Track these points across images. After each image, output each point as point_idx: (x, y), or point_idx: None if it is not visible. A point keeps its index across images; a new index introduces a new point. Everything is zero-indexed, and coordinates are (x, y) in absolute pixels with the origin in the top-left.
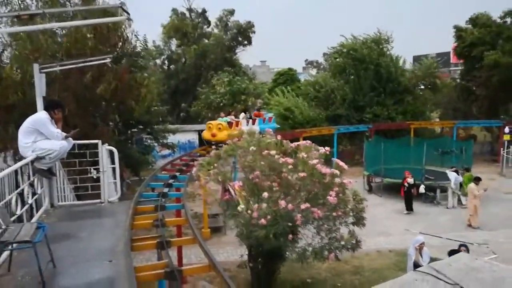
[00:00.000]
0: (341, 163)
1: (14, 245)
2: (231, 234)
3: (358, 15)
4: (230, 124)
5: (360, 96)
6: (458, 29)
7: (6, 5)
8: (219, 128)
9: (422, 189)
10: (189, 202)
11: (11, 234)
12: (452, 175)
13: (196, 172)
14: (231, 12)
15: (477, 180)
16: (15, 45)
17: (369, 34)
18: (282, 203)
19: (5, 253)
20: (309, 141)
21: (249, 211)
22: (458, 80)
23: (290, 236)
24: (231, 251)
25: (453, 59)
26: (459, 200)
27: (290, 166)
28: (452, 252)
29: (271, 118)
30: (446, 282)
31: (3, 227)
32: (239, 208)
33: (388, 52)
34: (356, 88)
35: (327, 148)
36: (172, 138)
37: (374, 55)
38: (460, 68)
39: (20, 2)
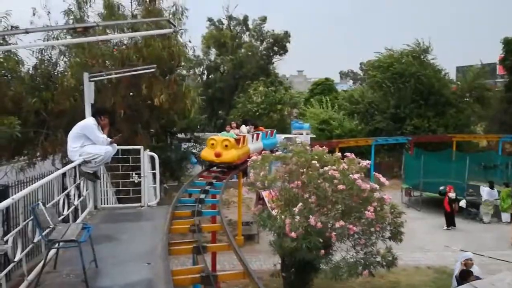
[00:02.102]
0: (382, 179)
1: (61, 243)
2: (263, 242)
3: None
4: (237, 141)
5: (400, 108)
6: (506, 42)
7: (68, 15)
8: (226, 146)
9: (463, 203)
10: (224, 209)
11: (58, 233)
12: (484, 190)
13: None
14: (263, 20)
15: None
16: (74, 53)
17: (408, 45)
18: (312, 220)
19: (52, 251)
20: (352, 154)
21: (281, 221)
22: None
23: (322, 251)
24: (263, 259)
25: (499, 70)
26: (499, 217)
27: (335, 181)
28: (463, 273)
29: (273, 132)
30: None
31: (52, 226)
32: (272, 217)
33: (430, 62)
34: (396, 100)
35: (368, 162)
36: None
37: (413, 69)
38: (507, 79)
39: (80, 12)
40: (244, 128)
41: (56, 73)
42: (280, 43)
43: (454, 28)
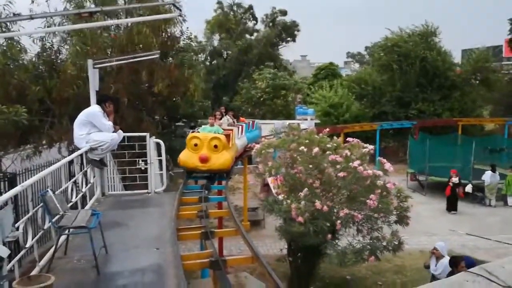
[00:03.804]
0: (387, 165)
1: (71, 230)
2: (269, 228)
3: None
4: (227, 137)
5: (405, 92)
6: None
7: (70, 2)
8: (215, 147)
9: (469, 188)
10: (229, 195)
11: (68, 220)
12: (487, 174)
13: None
14: (283, 13)
15: None
16: (75, 40)
17: (416, 27)
18: (317, 204)
19: (62, 237)
20: (357, 139)
21: (287, 206)
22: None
23: (330, 235)
24: (270, 244)
25: (505, 52)
26: (505, 201)
27: (338, 166)
28: (453, 259)
29: (254, 123)
30: (498, 284)
31: (61, 213)
32: (278, 202)
33: (436, 46)
34: (402, 84)
35: (371, 147)
36: None
37: (420, 50)
38: None
39: None
40: (225, 119)
41: (59, 61)
42: (288, 31)
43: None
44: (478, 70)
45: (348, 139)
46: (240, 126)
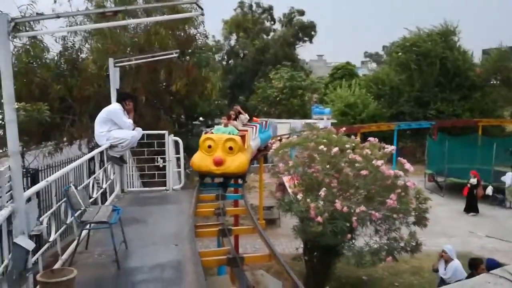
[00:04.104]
0: (407, 165)
1: (93, 225)
2: (284, 227)
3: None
4: (242, 139)
5: (424, 92)
6: None
7: (91, 1)
8: (230, 149)
9: (489, 190)
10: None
11: (90, 215)
12: (507, 175)
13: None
14: (301, 13)
15: None
16: (96, 39)
17: (435, 26)
18: (338, 205)
19: (84, 232)
20: (376, 139)
21: (304, 205)
22: None
23: (349, 235)
24: (285, 243)
25: None
26: None
27: (357, 164)
28: (472, 261)
29: (267, 123)
30: None
31: (83, 208)
32: (295, 201)
33: (456, 45)
34: (420, 84)
35: (393, 147)
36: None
37: (440, 49)
38: None
39: None
40: (242, 117)
41: (80, 60)
42: (305, 31)
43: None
44: (499, 69)
45: (369, 138)
46: (254, 127)
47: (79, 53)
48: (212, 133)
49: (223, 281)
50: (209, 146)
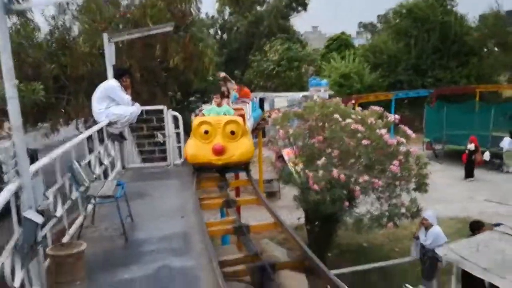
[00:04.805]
0: (409, 131)
1: (98, 199)
2: (284, 199)
3: None
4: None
5: (421, 59)
6: None
7: None
8: (232, 134)
9: (487, 155)
10: None
11: (95, 190)
12: (505, 140)
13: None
14: None
15: None
16: (82, 18)
17: None
18: (334, 173)
19: (89, 207)
20: (381, 108)
21: (304, 176)
22: None
23: (347, 203)
24: (286, 215)
25: None
26: None
27: (359, 135)
28: (473, 224)
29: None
30: None
31: (87, 183)
32: (294, 172)
33: (452, 10)
34: (418, 51)
35: (397, 116)
36: None
37: (438, 15)
38: None
39: None
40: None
41: (70, 39)
42: (298, 0)
43: None
44: (496, 34)
45: (371, 107)
46: (247, 104)
47: (69, 32)
48: (204, 115)
49: (229, 250)
50: (206, 132)
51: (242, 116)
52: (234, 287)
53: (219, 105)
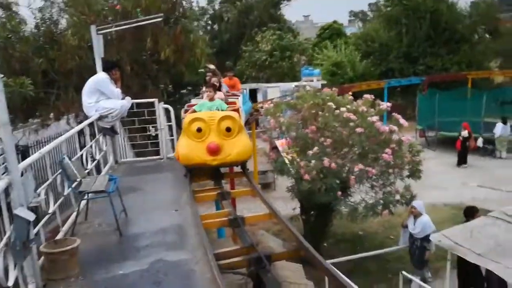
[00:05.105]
0: (401, 120)
1: (91, 194)
2: (279, 190)
3: None
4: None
5: (413, 47)
6: None
7: None
8: (228, 130)
9: (479, 142)
10: None
11: (87, 185)
12: (497, 126)
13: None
14: None
15: None
16: (70, 11)
17: None
18: (325, 162)
19: (82, 203)
20: (372, 96)
21: (297, 166)
22: None
23: (339, 193)
24: (281, 206)
25: None
26: None
27: (351, 123)
28: (467, 210)
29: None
30: None
31: (79, 178)
32: (287, 162)
33: None
34: (409, 39)
35: (388, 104)
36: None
37: (430, 3)
38: None
39: None
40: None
41: (58, 32)
42: None
43: None
44: (487, 21)
45: (364, 95)
46: (238, 97)
47: (57, 25)
48: (195, 110)
49: (225, 242)
50: (199, 130)
51: (237, 110)
52: (230, 279)
53: (211, 99)
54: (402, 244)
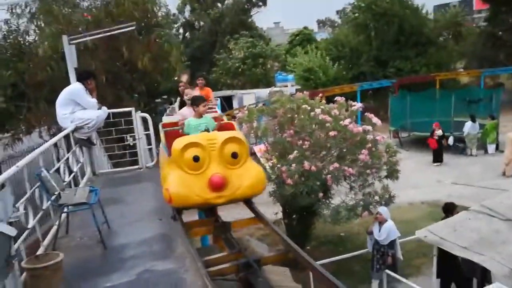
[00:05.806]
0: (374, 119)
1: (71, 207)
2: (261, 195)
3: None
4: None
5: (382, 51)
6: None
7: None
8: (234, 157)
9: (451, 140)
10: None
11: (67, 198)
12: (467, 125)
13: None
14: None
15: None
16: (43, 21)
17: None
18: (306, 165)
19: (63, 216)
20: (343, 98)
21: (277, 171)
22: (482, 27)
23: (321, 194)
24: (263, 210)
25: (476, 6)
26: (485, 149)
27: (327, 124)
28: (447, 206)
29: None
30: (499, 219)
31: (58, 191)
32: (268, 168)
33: (408, 2)
34: (378, 43)
35: (360, 105)
36: None
37: (397, 8)
38: (484, 14)
39: None
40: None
41: (27, 43)
42: None
43: None
44: (451, 25)
45: (336, 98)
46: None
47: (25, 36)
48: (183, 132)
49: (212, 249)
50: (196, 159)
51: (232, 128)
52: (220, 286)
53: (200, 115)
54: (371, 250)
